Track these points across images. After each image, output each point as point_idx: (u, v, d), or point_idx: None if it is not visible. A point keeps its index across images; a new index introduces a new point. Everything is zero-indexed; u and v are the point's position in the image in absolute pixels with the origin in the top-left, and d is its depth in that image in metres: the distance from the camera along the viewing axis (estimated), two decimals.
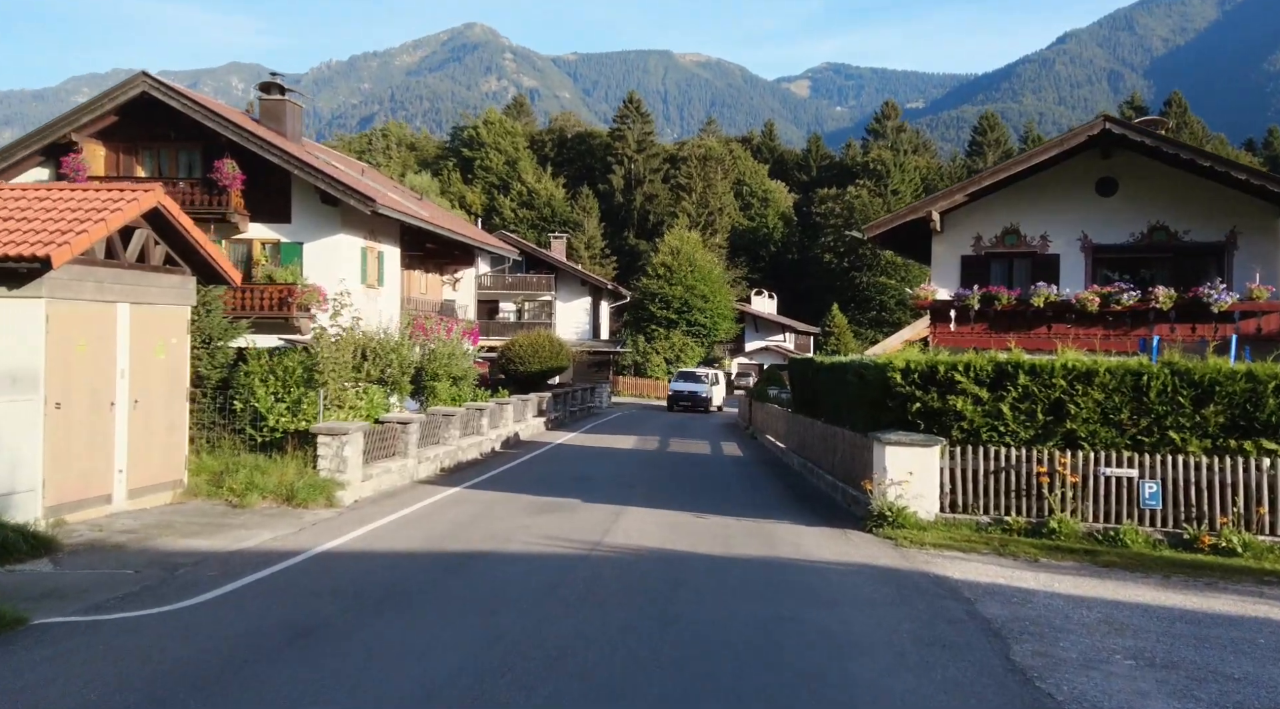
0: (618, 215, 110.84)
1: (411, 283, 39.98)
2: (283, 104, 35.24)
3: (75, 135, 31.50)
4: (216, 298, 18.59)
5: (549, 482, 19.86)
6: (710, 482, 20.60)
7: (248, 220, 32.44)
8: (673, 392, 50.60)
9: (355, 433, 16.23)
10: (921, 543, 13.39)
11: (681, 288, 61.99)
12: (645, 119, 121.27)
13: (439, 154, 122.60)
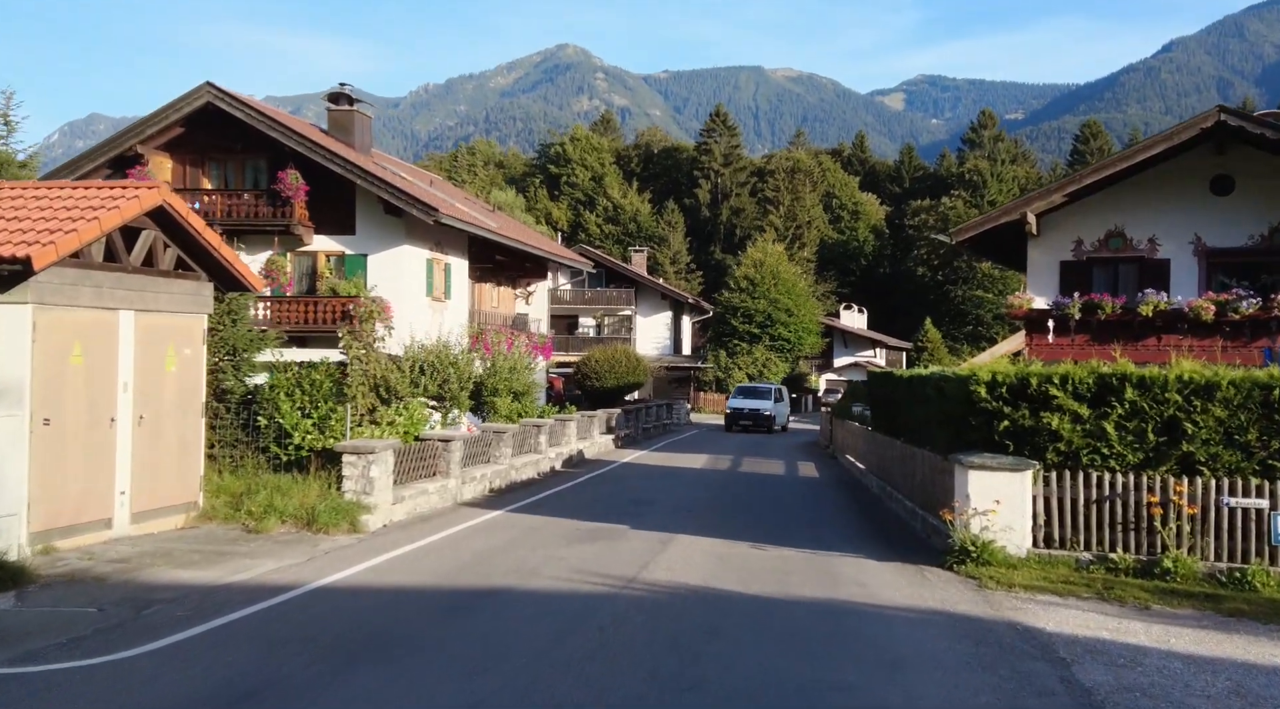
0: (703, 230, 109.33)
1: (482, 296, 38.97)
2: (350, 114, 34.56)
3: (141, 147, 31.15)
4: (243, 306, 17.54)
5: (601, 505, 18.35)
6: (777, 506, 18.86)
7: (312, 232, 31.74)
8: (730, 409, 44.64)
9: (383, 452, 14.94)
10: (1009, 584, 11.52)
11: (765, 301, 60.13)
12: (732, 132, 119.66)
13: (526, 171, 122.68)
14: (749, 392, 46.29)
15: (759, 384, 49.64)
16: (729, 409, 44.72)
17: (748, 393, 45.99)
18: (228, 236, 31.83)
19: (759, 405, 43.90)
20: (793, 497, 20.64)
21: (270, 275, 30.75)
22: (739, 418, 43.69)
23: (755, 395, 45.30)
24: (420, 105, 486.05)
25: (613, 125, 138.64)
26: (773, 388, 46.57)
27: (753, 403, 44.19)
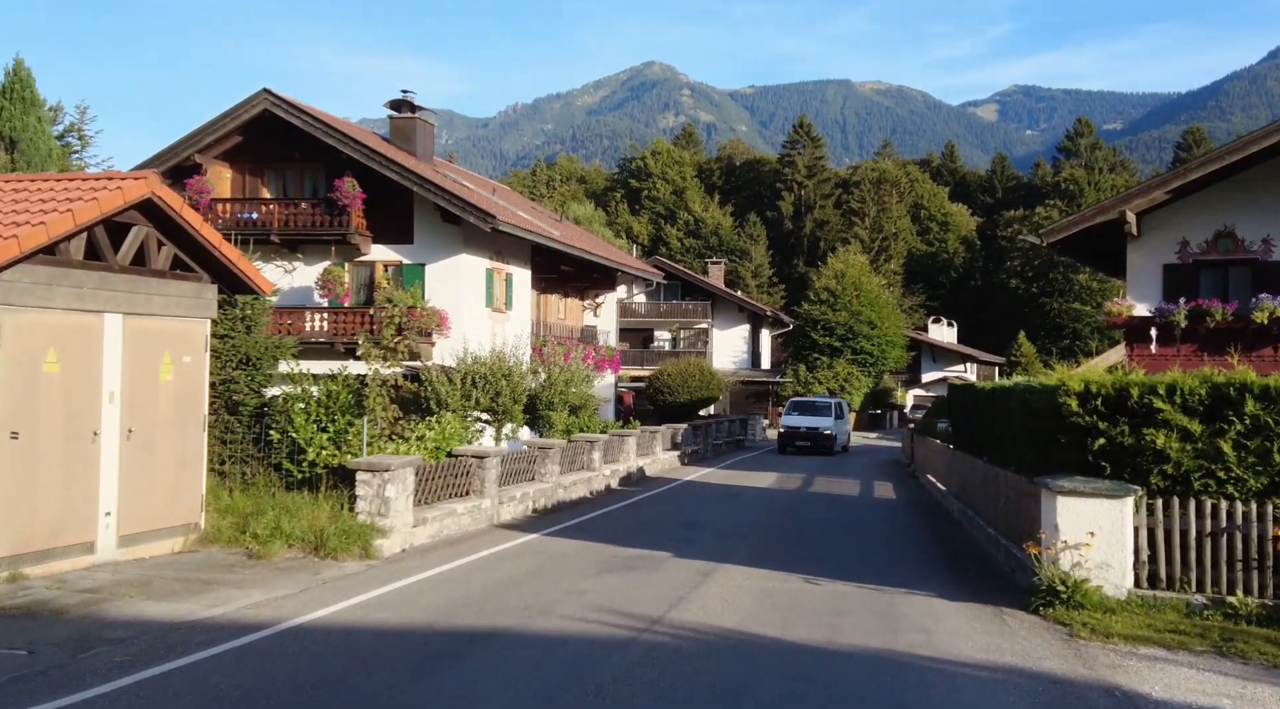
0: (786, 242, 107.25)
1: (547, 307, 37.76)
2: (412, 122, 33.69)
3: (199, 157, 30.61)
4: (260, 312, 16.39)
5: (648, 528, 16.80)
6: (844, 532, 17.08)
7: (370, 242, 30.84)
8: (784, 428, 38.88)
9: (401, 469, 13.60)
10: (1106, 633, 9.67)
11: (846, 314, 57.92)
12: (816, 143, 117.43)
13: (607, 186, 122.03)
14: (805, 407, 40.35)
15: (816, 398, 43.89)
16: (782, 427, 39.07)
17: (804, 408, 40.15)
18: (286, 247, 31.17)
19: (817, 423, 38.36)
20: (863, 521, 18.82)
21: (327, 286, 29.90)
22: (794, 438, 38.26)
23: (813, 411, 39.63)
24: (508, 125, 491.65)
25: (695, 139, 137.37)
26: (832, 402, 40.83)
27: (810, 420, 38.66)
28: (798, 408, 40.19)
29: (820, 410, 39.62)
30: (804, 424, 38.20)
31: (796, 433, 38.09)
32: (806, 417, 38.92)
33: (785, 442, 38.49)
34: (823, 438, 37.81)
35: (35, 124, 32.63)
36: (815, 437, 37.84)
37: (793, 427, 38.31)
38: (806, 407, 40.36)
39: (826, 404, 40.38)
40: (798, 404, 40.77)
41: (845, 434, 41.23)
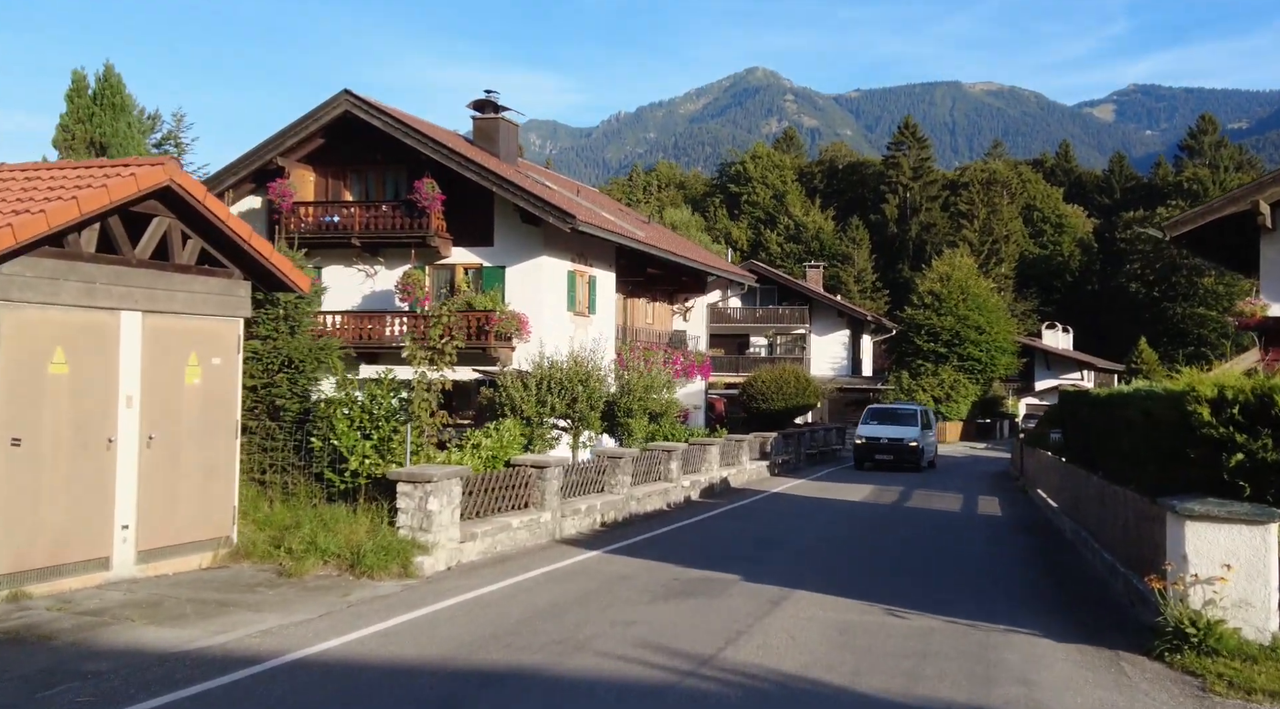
0: (890, 246, 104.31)
1: (634, 311, 36.63)
2: (495, 123, 32.94)
3: (281, 160, 30.31)
4: (305, 313, 15.48)
5: (720, 546, 15.42)
6: (939, 554, 15.45)
7: (450, 244, 30.15)
8: (862, 439, 34.19)
9: (445, 481, 12.51)
10: (1247, 688, 8.01)
11: (952, 318, 55.43)
12: (922, 144, 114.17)
13: (706, 191, 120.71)
14: (886, 415, 35.83)
15: (899, 406, 39.05)
16: (859, 438, 34.32)
17: (885, 417, 35.58)
18: (367, 251, 30.63)
19: (901, 434, 33.68)
20: (962, 541, 17.12)
21: (406, 289, 29.25)
22: (873, 451, 33.66)
23: (894, 420, 34.98)
24: (611, 134, 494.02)
25: (795, 142, 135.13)
26: (917, 410, 36.18)
27: (892, 430, 34.02)
28: (877, 416, 35.83)
29: (903, 419, 34.88)
30: (885, 435, 33.71)
31: (876, 444, 33.68)
32: (887, 426, 34.42)
33: (863, 455, 33.94)
34: (907, 451, 33.20)
35: (125, 130, 32.78)
36: (898, 449, 33.26)
37: (871, 438, 33.90)
38: (887, 414, 35.91)
39: (911, 412, 35.72)
40: (877, 412, 36.52)
41: (932, 447, 36.43)
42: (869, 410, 36.82)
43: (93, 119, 32.06)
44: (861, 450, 34.02)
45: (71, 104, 32.17)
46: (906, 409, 36.43)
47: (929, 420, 36.65)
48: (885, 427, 34.29)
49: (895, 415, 35.57)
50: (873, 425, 34.77)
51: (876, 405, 38.81)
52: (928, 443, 34.76)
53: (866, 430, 34.43)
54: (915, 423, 34.39)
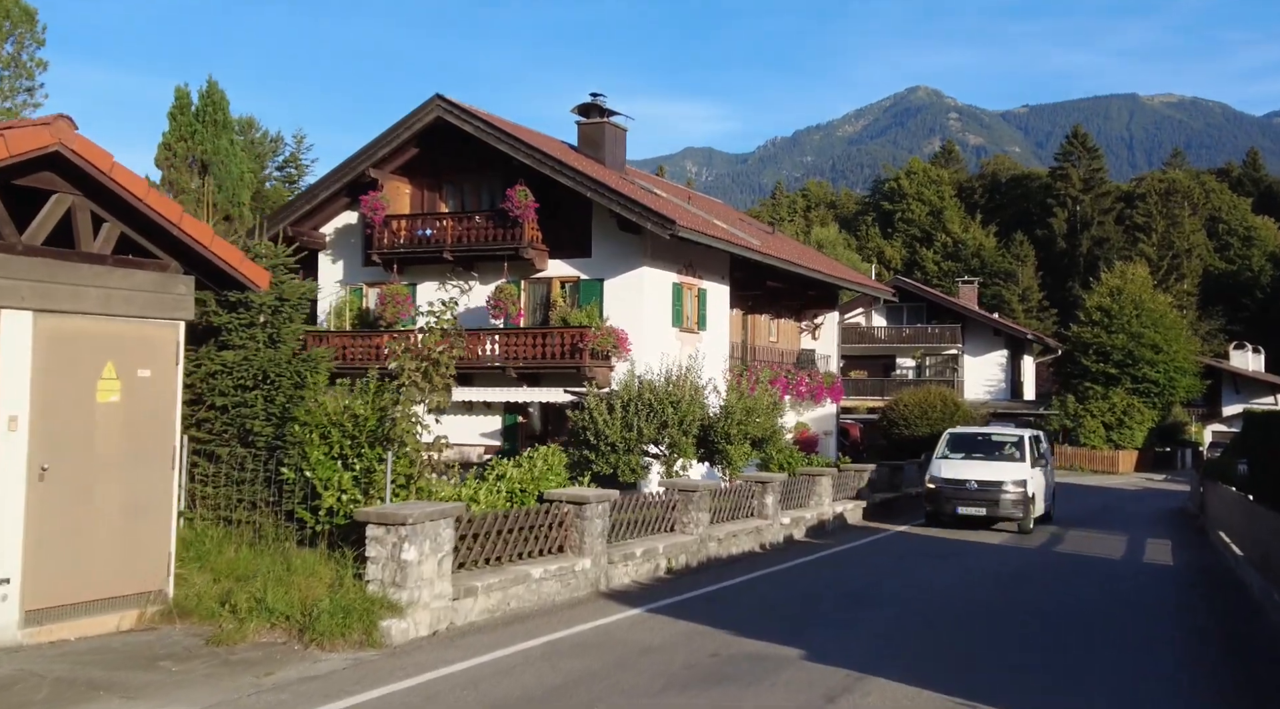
0: (1059, 263, 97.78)
1: (754, 329, 33.70)
2: (600, 127, 30.69)
3: (374, 172, 28.80)
4: (287, 320, 13.19)
5: (796, 605, 12.42)
6: (1085, 620, 12.03)
7: (545, 256, 27.96)
8: (935, 482, 22.41)
9: (426, 523, 9.97)
10: None
11: (1124, 336, 50.14)
12: (1093, 154, 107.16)
13: (858, 210, 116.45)
14: (974, 444, 24.03)
15: (995, 430, 27.99)
16: (931, 481, 22.48)
17: (972, 446, 23.90)
18: (460, 265, 28.72)
19: (998, 474, 22.02)
20: (1118, 600, 13.60)
21: (498, 305, 27.20)
22: (954, 500, 21.83)
23: (988, 452, 23.43)
24: (768, 159, 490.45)
25: (954, 156, 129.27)
26: (1024, 437, 24.09)
27: (984, 468, 22.28)
28: (962, 445, 23.80)
29: (1001, 451, 23.39)
30: (973, 476, 21.85)
31: (960, 491, 21.74)
32: (977, 462, 22.55)
33: (939, 505, 21.98)
34: (1009, 500, 21.52)
35: (228, 147, 31.99)
36: (993, 498, 21.50)
37: (953, 481, 21.92)
38: (975, 443, 24.02)
39: (1013, 440, 23.98)
40: (962, 439, 24.23)
41: (1047, 493, 24.17)
42: (950, 438, 24.19)
43: (194, 136, 31.36)
44: (937, 499, 21.92)
45: (174, 121, 31.59)
46: (1006, 437, 24.67)
47: (1041, 452, 24.11)
48: (973, 462, 22.49)
49: (989, 444, 23.83)
50: (955, 461, 22.77)
51: (961, 430, 26.10)
52: (1040, 485, 22.72)
53: (945, 469, 22.35)
54: (1021, 455, 22.71)
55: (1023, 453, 22.77)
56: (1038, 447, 23.91)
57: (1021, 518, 21.53)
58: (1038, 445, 23.99)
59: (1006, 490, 21.42)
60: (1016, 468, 22.04)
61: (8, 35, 29.16)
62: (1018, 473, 21.82)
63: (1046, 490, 23.79)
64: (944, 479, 21.89)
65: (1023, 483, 21.53)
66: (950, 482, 21.78)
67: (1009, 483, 21.51)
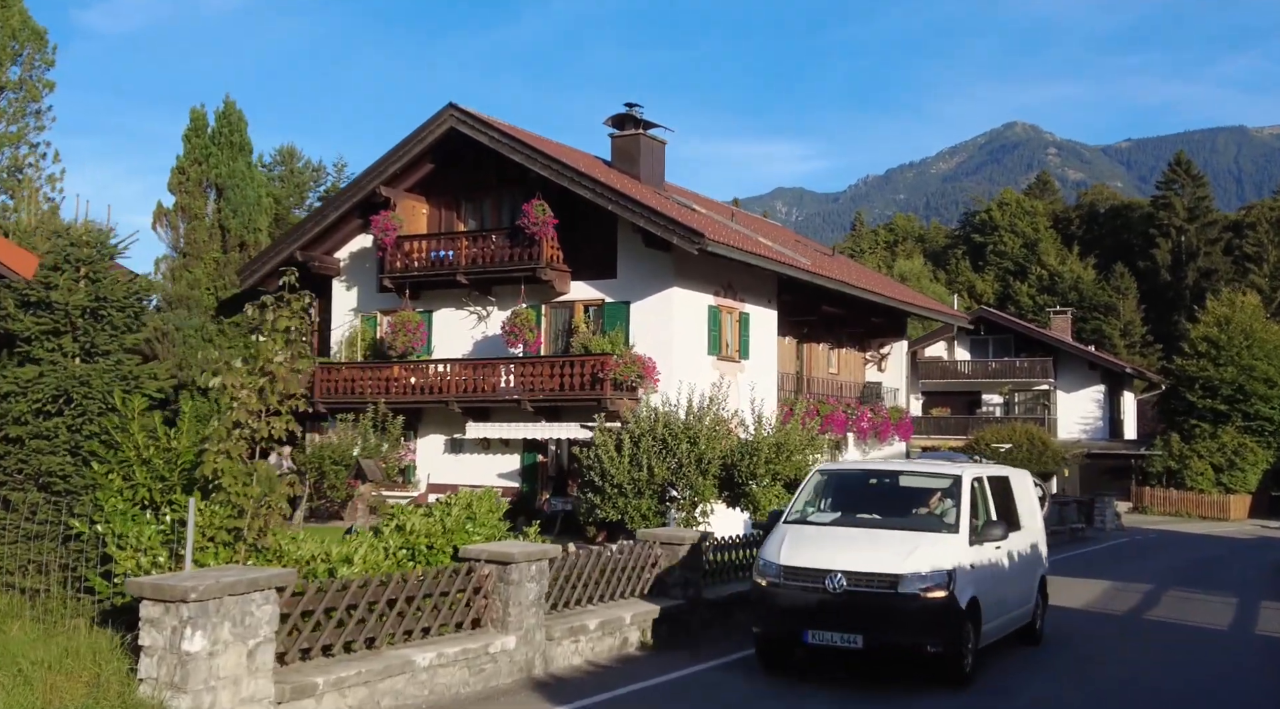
0: (1163, 296, 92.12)
1: (810, 359, 30.60)
2: (635, 140, 28.16)
3: (386, 190, 26.68)
4: (106, 329, 10.48)
5: (789, 699, 9.40)
6: None
7: (567, 277, 25.42)
8: (770, 577, 10.45)
9: (226, 599, 7.22)
10: None
11: (1234, 369, 45.49)
12: (1198, 182, 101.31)
13: (948, 244, 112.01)
14: (861, 491, 12.14)
15: (904, 468, 12.99)
16: (764, 573, 10.55)
17: (858, 495, 12.01)
18: (477, 289, 26.30)
19: (887, 560, 10.14)
20: (1221, 688, 10.27)
21: (513, 332, 24.69)
22: (800, 612, 10.20)
23: (883, 505, 11.73)
24: (859, 197, 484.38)
25: (1050, 187, 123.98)
26: (951, 479, 11.29)
27: (863, 545, 10.54)
28: (842, 496, 11.91)
29: (909, 509, 11.58)
30: (841, 565, 10.14)
31: (812, 595, 10.17)
32: (858, 531, 11.07)
33: (772, 624, 10.60)
34: (908, 614, 10.01)
35: (244, 170, 30.22)
36: (876, 610, 10.03)
37: (799, 573, 10.30)
38: (869, 493, 12.16)
39: (943, 488, 11.37)
40: (843, 485, 12.21)
41: (1024, 584, 12.29)
42: (820, 480, 12.04)
43: (209, 159, 29.67)
44: (769, 612, 10.60)
45: (188, 144, 29.97)
46: (930, 478, 11.80)
47: (1009, 500, 12.36)
48: (852, 534, 10.99)
49: (894, 496, 12.03)
50: (818, 529, 11.16)
51: (843, 466, 15.05)
52: (1000, 581, 11.28)
53: (794, 545, 10.62)
54: (951, 518, 10.89)
55: (956, 511, 10.80)
56: (1000, 498, 11.87)
57: (943, 652, 9.94)
58: (1001, 495, 11.97)
59: (906, 594, 9.89)
60: (934, 546, 10.32)
61: (15, 56, 27.82)
62: (935, 555, 10.17)
63: (1021, 583, 12.05)
64: (786, 570, 10.31)
65: (944, 578, 9.96)
66: (795, 575, 10.24)
67: (912, 577, 9.92)
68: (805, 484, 11.93)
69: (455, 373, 25.40)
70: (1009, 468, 13.74)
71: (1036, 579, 12.80)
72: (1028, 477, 13.66)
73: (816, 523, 11.24)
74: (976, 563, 10.57)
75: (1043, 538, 13.36)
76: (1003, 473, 12.85)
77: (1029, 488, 13.33)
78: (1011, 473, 13.15)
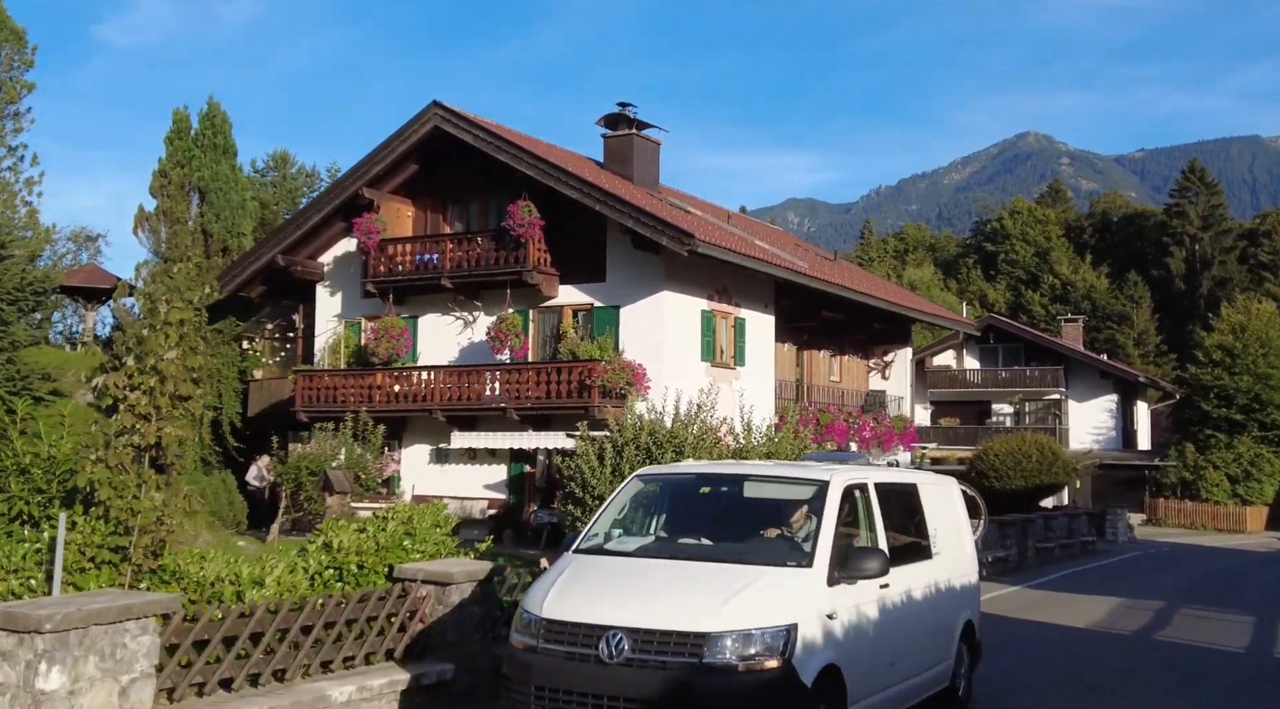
0: (1177, 305, 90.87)
1: (811, 366, 29.67)
2: (628, 140, 27.34)
3: (370, 191, 25.92)
4: None
5: None
6: None
7: (555, 281, 24.58)
8: (528, 635, 7.15)
9: (93, 629, 6.17)
10: None
11: (1249, 378, 44.34)
12: (1212, 190, 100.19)
13: (959, 253, 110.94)
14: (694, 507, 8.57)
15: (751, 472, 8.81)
16: (523, 629, 7.24)
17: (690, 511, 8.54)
18: (463, 294, 25.48)
19: (693, 614, 6.66)
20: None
21: (499, 337, 23.86)
22: (559, 685, 6.81)
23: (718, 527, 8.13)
24: (871, 208, 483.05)
25: (1062, 195, 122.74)
26: (817, 485, 7.83)
27: (667, 588, 7.08)
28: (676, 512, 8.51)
29: (752, 528, 7.97)
30: (626, 620, 6.75)
31: (564, 672, 6.82)
32: (671, 564, 7.46)
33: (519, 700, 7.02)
34: (706, 693, 6.44)
35: (229, 173, 29.46)
36: (654, 685, 6.49)
37: (558, 628, 6.97)
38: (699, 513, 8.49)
39: (804, 498, 7.87)
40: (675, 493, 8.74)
41: (944, 631, 9.10)
42: (641, 488, 8.73)
43: (192, 161, 28.93)
44: (519, 684, 7.06)
45: (170, 147, 29.24)
46: (791, 483, 8.29)
47: (915, 518, 9.07)
48: (659, 571, 7.38)
49: (737, 510, 8.42)
50: (616, 562, 7.72)
51: (672, 471, 9.42)
52: (896, 621, 7.95)
53: (569, 586, 7.29)
54: (807, 544, 7.41)
55: (816, 533, 7.46)
56: (900, 515, 8.94)
57: None
58: (902, 512, 8.99)
59: (717, 665, 6.54)
60: (769, 588, 6.96)
61: None
62: (768, 603, 6.81)
63: (929, 635, 8.80)
64: (549, 626, 7.07)
65: (779, 638, 6.65)
66: (560, 634, 6.99)
67: (727, 638, 6.57)
68: (616, 496, 8.42)
69: (440, 380, 24.58)
70: (922, 474, 10.17)
71: (958, 626, 9.31)
72: (952, 485, 10.23)
73: (616, 552, 7.72)
74: (840, 611, 7.05)
75: (971, 568, 9.89)
76: (906, 480, 9.39)
77: (952, 501, 9.93)
78: (922, 480, 9.60)
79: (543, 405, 23.22)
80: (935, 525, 9.20)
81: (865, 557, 7.50)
